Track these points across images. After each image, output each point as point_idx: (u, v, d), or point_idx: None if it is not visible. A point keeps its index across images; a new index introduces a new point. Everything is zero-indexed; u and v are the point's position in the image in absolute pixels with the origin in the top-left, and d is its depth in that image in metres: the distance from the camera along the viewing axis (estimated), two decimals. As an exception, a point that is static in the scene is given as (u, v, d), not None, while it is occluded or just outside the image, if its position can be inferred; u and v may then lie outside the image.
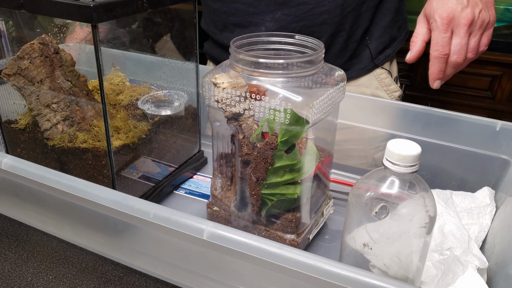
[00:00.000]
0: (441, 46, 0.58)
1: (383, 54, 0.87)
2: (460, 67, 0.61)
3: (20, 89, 0.62)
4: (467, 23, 0.58)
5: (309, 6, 0.77)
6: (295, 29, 0.78)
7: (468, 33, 0.59)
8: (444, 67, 0.60)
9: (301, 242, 0.55)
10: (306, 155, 0.52)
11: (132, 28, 0.81)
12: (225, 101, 0.50)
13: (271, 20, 0.79)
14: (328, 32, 0.79)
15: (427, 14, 0.61)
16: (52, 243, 0.60)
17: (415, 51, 0.62)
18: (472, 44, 0.59)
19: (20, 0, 0.51)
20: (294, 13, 0.77)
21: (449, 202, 0.60)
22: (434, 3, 0.60)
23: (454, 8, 0.58)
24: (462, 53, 0.59)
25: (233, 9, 0.81)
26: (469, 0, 0.59)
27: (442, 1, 0.59)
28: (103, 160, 0.59)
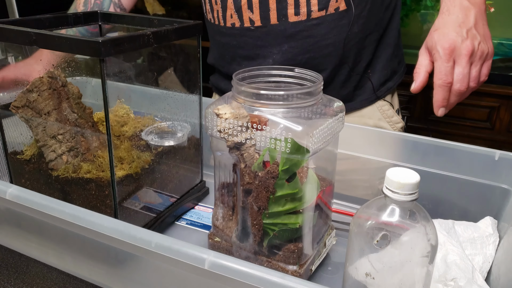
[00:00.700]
0: (444, 75, 0.61)
1: (385, 86, 0.89)
2: (463, 95, 0.63)
3: (27, 120, 0.63)
4: (468, 54, 0.60)
5: (315, 39, 0.79)
6: (301, 61, 0.81)
7: (470, 63, 0.61)
8: (448, 95, 0.62)
9: (304, 273, 0.55)
10: (307, 184, 0.52)
11: (137, 62, 0.84)
12: (227, 131, 0.51)
13: (278, 53, 0.81)
14: (332, 64, 0.82)
15: (429, 46, 0.64)
16: (52, 274, 0.60)
17: (419, 81, 0.64)
18: (473, 73, 0.62)
19: (33, 36, 0.54)
20: (300, 46, 0.80)
21: (452, 232, 0.60)
22: (435, 36, 0.62)
23: (455, 39, 0.61)
24: (464, 82, 0.61)
25: (242, 42, 0.84)
26: (468, 33, 0.61)
27: (443, 33, 0.62)
28: (106, 190, 0.59)
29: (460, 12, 0.63)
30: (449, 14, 0.64)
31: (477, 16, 0.63)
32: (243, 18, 0.81)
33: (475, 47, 0.61)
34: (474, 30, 0.62)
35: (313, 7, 0.77)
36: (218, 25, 0.86)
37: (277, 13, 0.78)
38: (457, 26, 0.62)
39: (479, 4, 0.64)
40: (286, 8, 0.77)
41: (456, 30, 0.61)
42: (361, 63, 0.85)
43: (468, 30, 0.62)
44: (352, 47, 0.82)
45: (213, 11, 0.85)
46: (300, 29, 0.79)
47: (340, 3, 0.77)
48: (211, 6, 0.85)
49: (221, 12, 0.83)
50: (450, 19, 0.63)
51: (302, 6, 0.77)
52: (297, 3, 0.77)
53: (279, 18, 0.78)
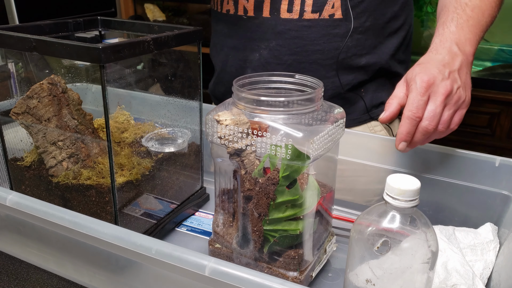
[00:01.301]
0: (415, 107, 0.57)
1: (379, 108, 0.85)
2: (429, 137, 0.60)
3: (27, 127, 0.63)
4: (445, 93, 0.58)
5: (304, 41, 0.78)
6: (287, 61, 0.80)
7: (444, 104, 0.58)
8: (414, 131, 0.59)
9: (304, 279, 0.55)
10: (308, 190, 0.53)
11: (138, 69, 0.84)
12: (228, 138, 0.51)
13: (266, 48, 0.80)
14: (318, 73, 0.79)
15: (408, 79, 0.61)
16: (52, 281, 0.60)
17: (390, 112, 0.61)
18: (445, 116, 0.59)
19: (33, 43, 0.54)
20: (287, 46, 0.79)
21: (452, 238, 0.60)
22: (416, 69, 0.61)
23: (436, 75, 0.58)
24: (434, 121, 0.58)
25: (232, 31, 0.83)
26: (450, 74, 0.60)
27: (425, 68, 0.60)
28: (107, 197, 0.59)
29: (447, 54, 0.62)
30: (436, 53, 0.63)
31: (462, 63, 0.62)
32: (238, 6, 0.80)
33: (453, 89, 0.59)
34: (456, 74, 0.60)
35: (307, 7, 0.76)
36: (216, 10, 0.86)
37: (270, 6, 0.77)
38: (441, 65, 0.60)
39: (468, 54, 0.63)
40: (279, 3, 0.76)
41: (439, 68, 0.59)
42: (352, 81, 0.81)
43: (451, 72, 0.60)
44: (343, 61, 0.79)
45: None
46: (289, 28, 0.77)
47: (336, 10, 0.76)
48: None
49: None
50: (436, 58, 0.62)
51: (296, 3, 0.76)
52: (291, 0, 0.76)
53: (271, 11, 0.77)
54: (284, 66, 0.80)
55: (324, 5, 0.76)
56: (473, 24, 0.66)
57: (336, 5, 0.76)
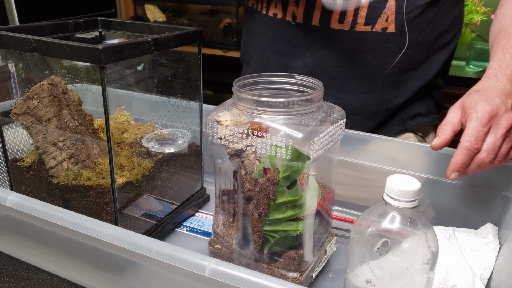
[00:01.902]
0: (475, 138, 0.54)
1: (414, 120, 0.82)
2: (483, 168, 0.56)
3: (28, 128, 0.63)
4: (508, 126, 0.54)
5: (352, 54, 0.75)
6: (331, 72, 0.77)
7: (504, 137, 0.55)
8: (469, 162, 0.55)
9: (304, 280, 0.55)
10: (308, 191, 0.53)
11: (138, 69, 0.84)
12: (228, 138, 0.51)
13: (311, 57, 0.78)
14: (363, 88, 0.77)
15: (466, 105, 0.57)
16: (52, 282, 0.60)
17: (443, 139, 0.57)
18: (503, 149, 0.55)
19: (33, 43, 0.54)
20: (334, 57, 0.76)
21: (452, 239, 0.60)
22: (477, 96, 0.57)
23: (499, 106, 0.55)
24: (492, 154, 0.54)
25: (278, 35, 0.80)
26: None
27: (487, 96, 0.56)
28: (107, 197, 0.59)
29: (509, 83, 0.58)
30: (497, 80, 0.59)
31: None
32: (287, 10, 0.77)
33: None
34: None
35: (360, 20, 0.72)
36: (260, 12, 0.83)
37: (321, 15, 0.74)
38: (503, 95, 0.56)
39: None
40: (331, 12, 0.73)
41: (502, 98, 0.56)
42: (397, 98, 0.78)
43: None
44: (389, 77, 0.76)
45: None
46: (339, 39, 0.75)
47: (390, 24, 0.73)
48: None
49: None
50: (496, 86, 0.58)
51: (348, 14, 0.72)
52: (344, 10, 0.72)
53: (321, 20, 0.75)
54: (328, 77, 0.77)
55: (378, 17, 0.73)
56: None
57: (390, 19, 0.73)
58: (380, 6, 0.72)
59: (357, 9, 0.72)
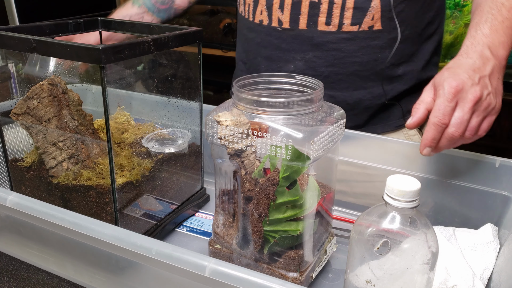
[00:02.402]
0: (442, 113, 0.56)
1: None
2: (455, 142, 0.58)
3: (28, 128, 0.63)
4: (474, 100, 0.56)
5: (342, 53, 0.76)
6: (323, 73, 0.78)
7: (472, 110, 0.57)
8: (439, 137, 0.57)
9: (304, 280, 0.55)
10: (308, 191, 0.52)
11: (138, 69, 0.84)
12: (228, 138, 0.51)
13: (301, 60, 0.79)
14: (356, 85, 0.78)
15: (436, 83, 0.59)
16: (52, 282, 0.60)
17: (417, 117, 0.59)
18: (473, 123, 0.57)
19: (33, 43, 0.54)
20: (325, 57, 0.77)
21: (452, 239, 0.60)
22: (445, 73, 0.59)
23: (465, 81, 0.56)
24: (461, 128, 0.56)
25: (266, 42, 0.82)
26: (480, 80, 0.57)
27: (454, 72, 0.58)
28: (107, 198, 0.59)
29: (479, 58, 0.59)
30: (467, 57, 0.60)
31: (494, 68, 0.59)
32: (272, 17, 0.78)
33: (483, 95, 0.57)
34: (487, 80, 0.58)
35: (346, 20, 0.74)
36: (247, 19, 0.84)
37: (308, 19, 0.75)
38: (471, 70, 0.58)
39: (501, 58, 0.61)
40: (317, 15, 0.75)
41: (469, 73, 0.57)
42: (390, 92, 0.80)
43: (482, 77, 0.57)
44: (381, 72, 0.78)
45: (245, 3, 0.84)
46: (328, 40, 0.76)
47: (376, 22, 0.74)
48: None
49: (252, 6, 0.82)
50: (466, 62, 0.59)
51: (334, 16, 0.74)
52: (330, 13, 0.74)
53: (308, 24, 0.76)
54: (321, 77, 0.78)
55: (364, 17, 0.74)
56: (509, 26, 0.62)
57: (376, 17, 0.74)
58: (365, 6, 0.74)
59: (342, 10, 0.74)
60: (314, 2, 0.74)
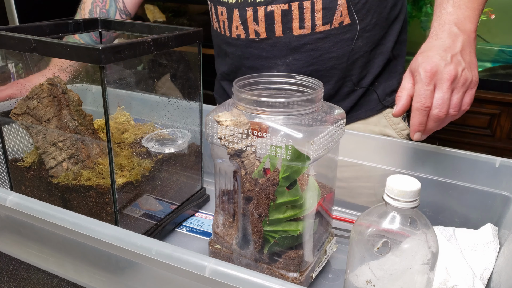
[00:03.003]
0: (423, 98, 0.58)
1: (392, 96, 0.88)
2: (442, 122, 0.60)
3: (27, 128, 0.63)
4: (450, 79, 0.58)
5: (319, 52, 0.80)
6: (305, 73, 0.81)
7: (451, 89, 0.59)
8: (426, 120, 0.60)
9: (304, 280, 0.55)
10: (308, 191, 0.52)
11: (137, 69, 0.84)
12: (228, 138, 0.51)
13: (283, 64, 0.82)
14: (336, 77, 0.82)
15: (412, 69, 0.61)
16: (52, 282, 0.60)
17: (401, 105, 0.61)
18: (454, 100, 0.59)
19: (33, 43, 0.54)
20: (304, 58, 0.80)
21: (452, 239, 0.60)
22: (419, 58, 0.61)
23: (438, 63, 0.58)
24: (444, 108, 0.58)
25: (247, 53, 0.84)
26: (453, 58, 0.59)
27: (427, 56, 0.60)
28: (107, 198, 0.59)
29: (447, 37, 0.61)
30: (437, 38, 0.62)
31: (464, 43, 0.61)
32: (249, 30, 0.81)
33: (458, 73, 0.59)
34: (459, 56, 0.60)
35: (318, 21, 0.77)
36: (224, 35, 0.87)
37: (282, 26, 0.79)
38: (442, 51, 0.60)
39: (469, 32, 0.62)
40: (291, 22, 0.78)
41: (441, 54, 0.59)
42: (367, 76, 0.84)
43: (453, 55, 0.59)
44: (357, 61, 0.82)
45: (219, 21, 0.86)
46: (304, 42, 0.79)
47: (345, 17, 0.78)
48: (217, 16, 0.86)
49: (227, 23, 0.84)
50: (436, 43, 0.61)
51: (306, 20, 0.77)
52: (302, 17, 0.77)
53: (284, 30, 0.79)
54: None
55: (333, 15, 0.77)
56: (470, 0, 0.64)
57: (344, 13, 0.78)
58: (333, 5, 0.77)
59: (313, 13, 0.77)
60: (285, 10, 0.77)
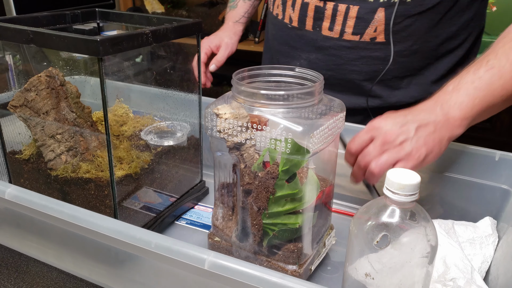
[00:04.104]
0: (355, 143, 0.60)
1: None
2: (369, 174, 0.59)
3: (25, 120, 0.63)
4: (384, 139, 0.57)
5: (342, 60, 0.78)
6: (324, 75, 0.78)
7: (382, 149, 0.57)
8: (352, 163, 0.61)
9: (303, 273, 0.55)
10: (307, 185, 0.52)
11: (136, 61, 0.84)
12: (227, 131, 0.51)
13: (306, 59, 0.82)
14: (353, 90, 0.79)
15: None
16: (52, 274, 0.60)
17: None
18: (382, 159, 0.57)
19: (30, 35, 0.53)
20: (326, 61, 0.79)
21: (451, 232, 0.60)
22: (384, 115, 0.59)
23: (386, 123, 0.58)
24: (364, 159, 0.58)
25: (278, 36, 0.85)
26: (405, 126, 0.57)
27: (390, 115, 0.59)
28: (106, 190, 0.59)
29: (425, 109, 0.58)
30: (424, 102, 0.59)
31: (434, 123, 0.57)
32: (285, 13, 0.82)
33: (396, 139, 0.56)
34: (412, 127, 0.56)
35: (347, 29, 0.75)
36: (270, 10, 0.89)
37: (313, 22, 0.78)
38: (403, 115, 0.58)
39: (451, 118, 0.57)
40: (322, 20, 0.77)
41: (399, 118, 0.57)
42: (391, 99, 0.79)
43: (406, 123, 0.57)
44: (381, 83, 0.77)
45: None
46: (330, 45, 0.78)
47: (379, 34, 0.74)
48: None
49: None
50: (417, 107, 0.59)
51: (337, 23, 0.75)
52: (333, 19, 0.75)
53: (314, 26, 0.78)
54: None
55: (366, 28, 0.74)
56: (478, 87, 0.57)
57: (379, 29, 0.74)
58: (368, 17, 0.73)
59: (345, 18, 0.74)
60: (319, 7, 0.76)
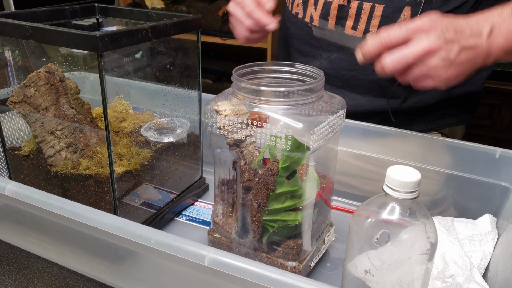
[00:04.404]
0: (388, 33, 0.53)
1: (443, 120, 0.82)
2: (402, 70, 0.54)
3: (25, 116, 0.63)
4: (424, 48, 0.52)
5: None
6: (345, 75, 0.78)
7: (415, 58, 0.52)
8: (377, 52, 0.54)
9: (303, 269, 0.55)
10: (307, 182, 0.52)
11: (136, 57, 0.83)
12: (227, 128, 0.51)
13: (327, 59, 0.80)
14: (376, 92, 0.78)
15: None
16: (52, 270, 0.60)
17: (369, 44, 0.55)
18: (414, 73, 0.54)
19: (29, 30, 0.53)
20: (348, 61, 0.78)
21: (451, 229, 0.60)
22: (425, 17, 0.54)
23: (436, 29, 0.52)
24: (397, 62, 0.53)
25: (297, 34, 0.84)
26: (449, 42, 0.52)
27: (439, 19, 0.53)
28: (106, 187, 0.59)
29: (474, 30, 0.53)
30: (469, 20, 0.54)
31: (476, 48, 0.53)
32: (306, 12, 0.80)
33: (436, 52, 0.52)
34: (456, 47, 0.52)
35: (372, 28, 0.73)
36: (288, 8, 0.87)
37: (336, 20, 0.76)
38: (453, 30, 0.53)
39: (494, 46, 0.53)
40: (346, 18, 0.75)
41: (448, 30, 0.52)
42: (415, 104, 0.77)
43: (453, 41, 0.52)
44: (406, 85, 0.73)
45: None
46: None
47: None
48: None
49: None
50: (462, 23, 0.54)
51: (361, 22, 0.74)
52: (358, 18, 0.74)
53: (336, 25, 0.77)
54: (342, 80, 0.79)
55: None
56: None
57: None
58: (394, 16, 0.72)
59: (370, 17, 0.73)
60: (342, 6, 0.75)
